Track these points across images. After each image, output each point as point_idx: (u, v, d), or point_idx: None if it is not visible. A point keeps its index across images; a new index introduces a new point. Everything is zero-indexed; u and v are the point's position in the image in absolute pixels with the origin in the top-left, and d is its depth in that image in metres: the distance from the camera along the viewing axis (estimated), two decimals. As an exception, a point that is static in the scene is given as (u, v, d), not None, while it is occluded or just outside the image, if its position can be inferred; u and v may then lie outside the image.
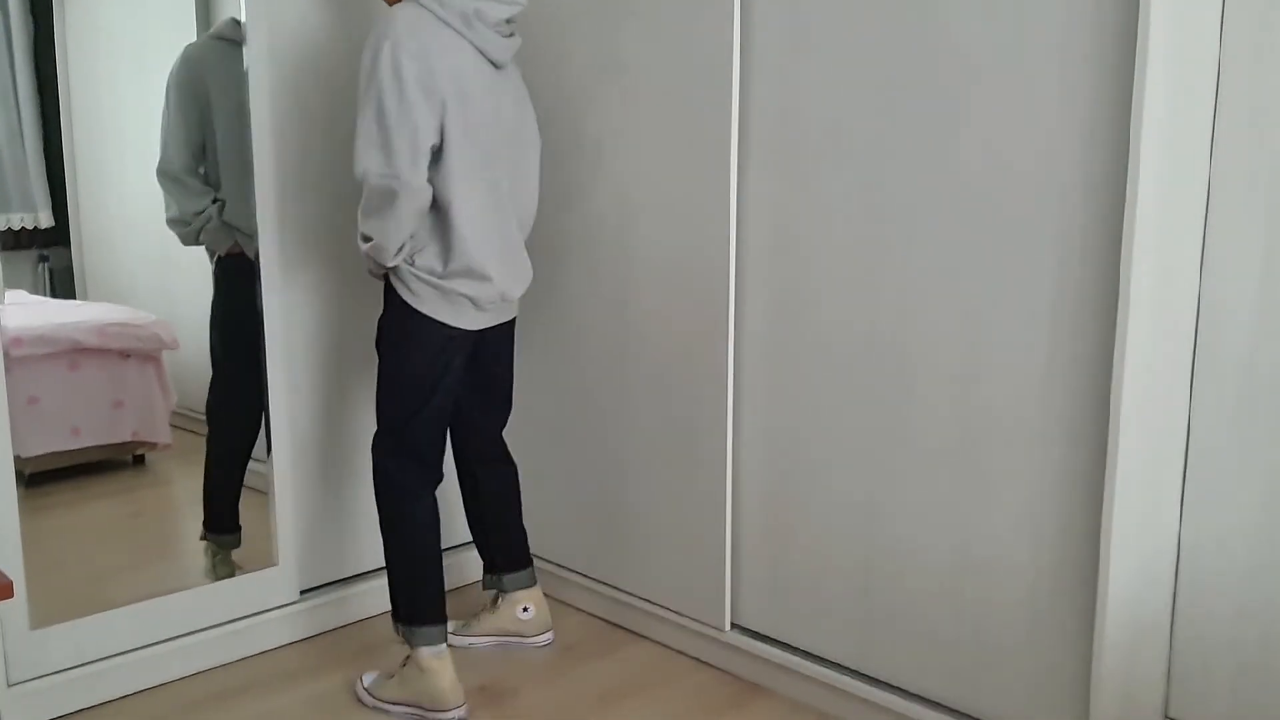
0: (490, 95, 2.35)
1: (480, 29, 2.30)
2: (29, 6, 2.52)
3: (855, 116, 2.28)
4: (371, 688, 2.54)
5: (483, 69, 2.34)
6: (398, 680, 2.50)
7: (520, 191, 2.50)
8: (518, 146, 2.47)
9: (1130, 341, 1.93)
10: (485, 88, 2.34)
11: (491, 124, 2.36)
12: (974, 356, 2.17)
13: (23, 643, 2.40)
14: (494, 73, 2.38)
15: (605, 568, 2.95)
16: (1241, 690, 2.05)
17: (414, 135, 2.20)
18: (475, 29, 2.29)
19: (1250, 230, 1.96)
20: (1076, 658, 2.10)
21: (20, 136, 2.56)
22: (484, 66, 2.34)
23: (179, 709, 2.51)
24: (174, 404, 2.73)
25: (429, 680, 2.44)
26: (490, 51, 2.33)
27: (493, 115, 2.36)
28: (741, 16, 2.43)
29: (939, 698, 2.32)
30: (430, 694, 2.44)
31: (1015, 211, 2.07)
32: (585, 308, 2.86)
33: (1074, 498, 2.07)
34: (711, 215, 2.53)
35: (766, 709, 2.52)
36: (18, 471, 2.35)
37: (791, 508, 2.53)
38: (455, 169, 2.28)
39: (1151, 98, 1.86)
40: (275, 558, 2.79)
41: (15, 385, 2.35)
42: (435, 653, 2.45)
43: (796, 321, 2.45)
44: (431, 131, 2.23)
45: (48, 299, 2.57)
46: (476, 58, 2.32)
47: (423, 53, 2.21)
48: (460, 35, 2.28)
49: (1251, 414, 1.99)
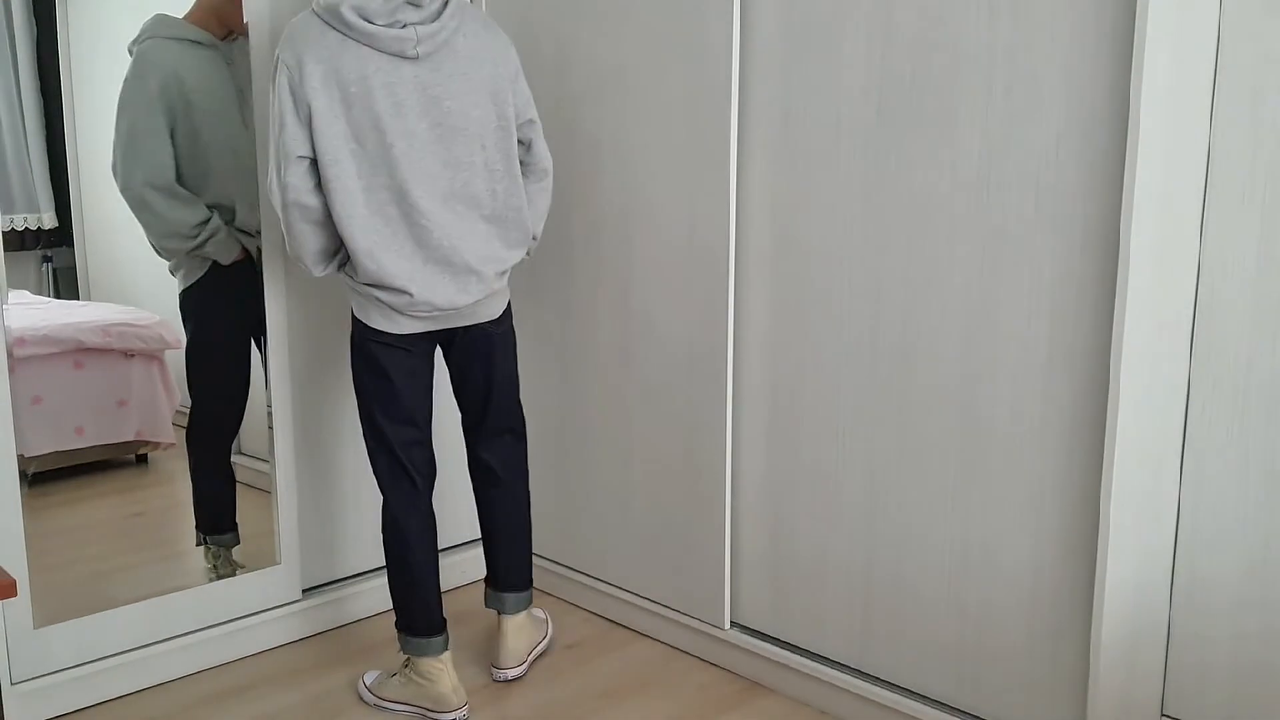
0: (388, 92, 2.20)
1: (364, 27, 2.18)
2: (31, 8, 2.52)
3: (855, 115, 2.29)
4: (373, 686, 2.55)
5: (382, 65, 2.20)
6: (400, 680, 2.51)
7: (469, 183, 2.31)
8: (446, 139, 2.27)
9: (1128, 340, 1.94)
10: (383, 85, 2.20)
11: (392, 123, 2.21)
12: (973, 355, 2.18)
13: (26, 641, 2.41)
14: (399, 67, 2.22)
15: (606, 567, 2.96)
16: (1238, 688, 2.07)
17: (283, 147, 2.19)
18: (358, 26, 2.18)
19: (1247, 230, 1.97)
20: (1075, 655, 2.11)
21: (23, 137, 2.56)
22: (384, 62, 2.20)
23: (181, 708, 2.52)
24: (177, 403, 2.73)
25: (430, 685, 2.46)
26: (387, 46, 2.19)
27: (392, 112, 2.21)
28: (741, 16, 2.45)
29: (938, 695, 2.33)
30: (431, 697, 2.46)
31: (1015, 210, 2.09)
32: (586, 308, 2.87)
33: (1073, 496, 2.08)
34: (712, 215, 2.54)
35: (767, 707, 2.53)
36: (21, 471, 2.36)
37: (791, 507, 2.54)
38: (333, 178, 2.20)
39: (1149, 97, 1.87)
40: (277, 557, 2.80)
41: (19, 385, 2.36)
42: (433, 661, 2.47)
43: (797, 321, 2.46)
44: (299, 142, 2.18)
45: (51, 299, 2.58)
46: (371, 55, 2.20)
47: (296, 61, 2.17)
48: (345, 36, 2.19)
49: (1249, 413, 2.00)
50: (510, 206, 2.38)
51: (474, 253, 2.33)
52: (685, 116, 2.56)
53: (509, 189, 2.37)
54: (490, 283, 2.38)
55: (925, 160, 2.20)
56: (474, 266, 2.33)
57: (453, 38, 2.27)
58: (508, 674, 2.62)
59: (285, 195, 2.21)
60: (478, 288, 2.36)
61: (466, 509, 3.22)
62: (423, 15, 2.23)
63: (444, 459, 3.13)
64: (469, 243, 2.33)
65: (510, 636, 2.63)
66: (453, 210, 2.31)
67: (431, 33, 2.23)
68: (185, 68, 2.55)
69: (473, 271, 2.34)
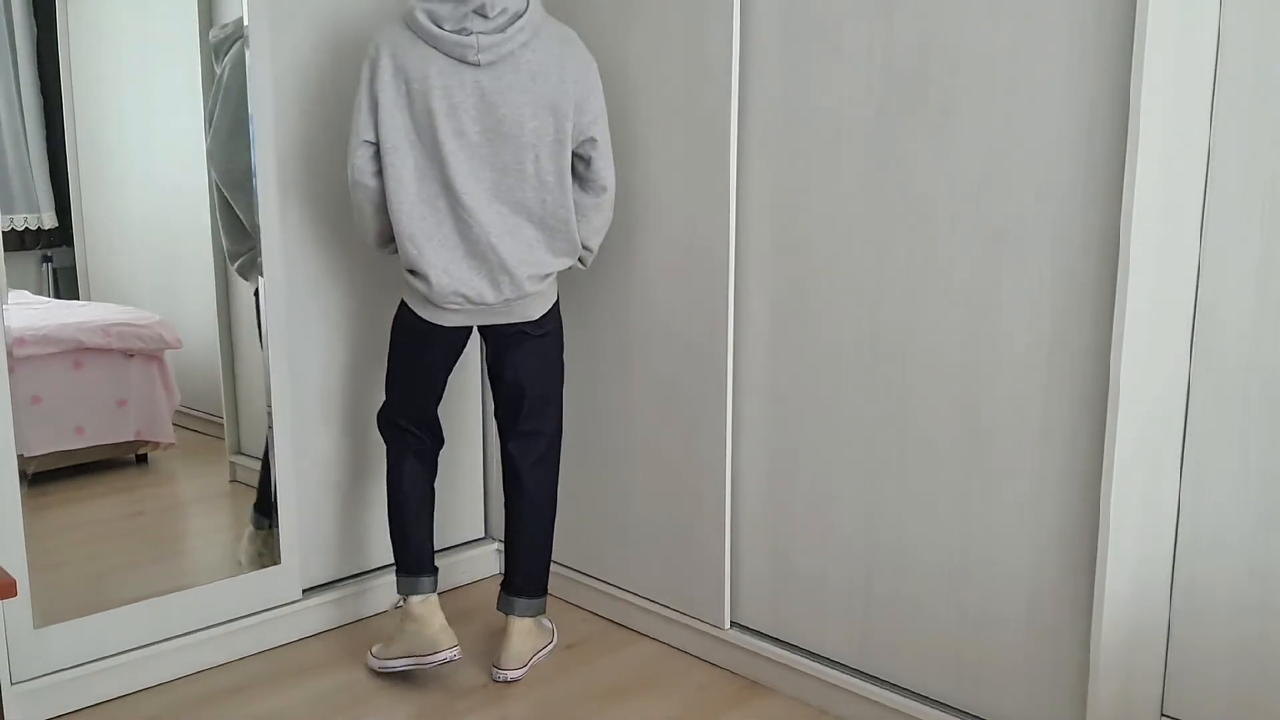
0: (445, 93, 2.36)
1: (433, 30, 2.35)
2: (32, 8, 2.52)
3: (856, 116, 2.29)
4: (378, 652, 2.67)
5: (444, 68, 2.36)
6: (396, 636, 2.64)
7: (515, 189, 2.43)
8: (497, 145, 2.40)
9: (1128, 341, 1.94)
10: (442, 86, 2.36)
11: (445, 122, 2.36)
12: (973, 356, 2.18)
13: (26, 641, 2.41)
14: (461, 71, 2.36)
15: (606, 566, 2.96)
16: (1238, 688, 2.07)
17: (354, 130, 2.42)
18: (426, 29, 2.36)
19: (1247, 230, 1.97)
20: (1074, 655, 2.11)
21: (23, 137, 2.56)
22: (447, 65, 2.36)
23: (182, 707, 2.52)
24: (177, 403, 2.73)
25: (419, 627, 2.59)
26: (450, 50, 2.35)
27: (447, 112, 2.36)
28: (741, 16, 2.44)
29: (938, 695, 2.34)
30: (421, 640, 2.58)
31: (1015, 210, 2.09)
32: (586, 308, 2.87)
33: (1072, 497, 2.08)
34: (712, 215, 2.54)
35: (767, 707, 2.53)
36: (21, 470, 2.36)
37: (791, 506, 2.54)
38: (389, 165, 2.39)
39: (1150, 97, 1.87)
40: (277, 557, 2.80)
41: (19, 385, 2.36)
42: (421, 599, 2.61)
43: (797, 321, 2.46)
44: (366, 128, 2.39)
45: (51, 299, 2.58)
46: (435, 57, 2.36)
47: (376, 55, 2.39)
48: (417, 37, 2.37)
49: (1248, 414, 2.00)
50: (558, 217, 2.47)
51: (512, 254, 2.44)
52: (685, 116, 2.56)
53: (558, 200, 2.46)
54: (523, 285, 2.46)
55: (925, 160, 2.19)
56: (509, 266, 2.43)
57: (520, 50, 2.39)
58: (508, 675, 2.63)
59: (351, 175, 2.44)
60: (510, 287, 2.45)
61: (474, 508, 3.24)
62: (489, 26, 2.36)
63: (458, 458, 3.15)
64: (508, 243, 2.43)
65: (515, 639, 2.66)
66: (497, 212, 2.43)
67: (495, 43, 2.36)
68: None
69: (507, 271, 2.44)
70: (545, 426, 2.67)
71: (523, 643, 2.67)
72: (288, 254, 2.74)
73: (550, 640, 2.79)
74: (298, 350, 2.80)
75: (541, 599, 2.71)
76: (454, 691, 2.60)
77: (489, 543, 3.26)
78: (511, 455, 2.66)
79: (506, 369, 2.60)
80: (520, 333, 2.56)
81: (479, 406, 3.20)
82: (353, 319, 2.89)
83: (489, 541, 3.26)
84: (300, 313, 2.80)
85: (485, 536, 3.29)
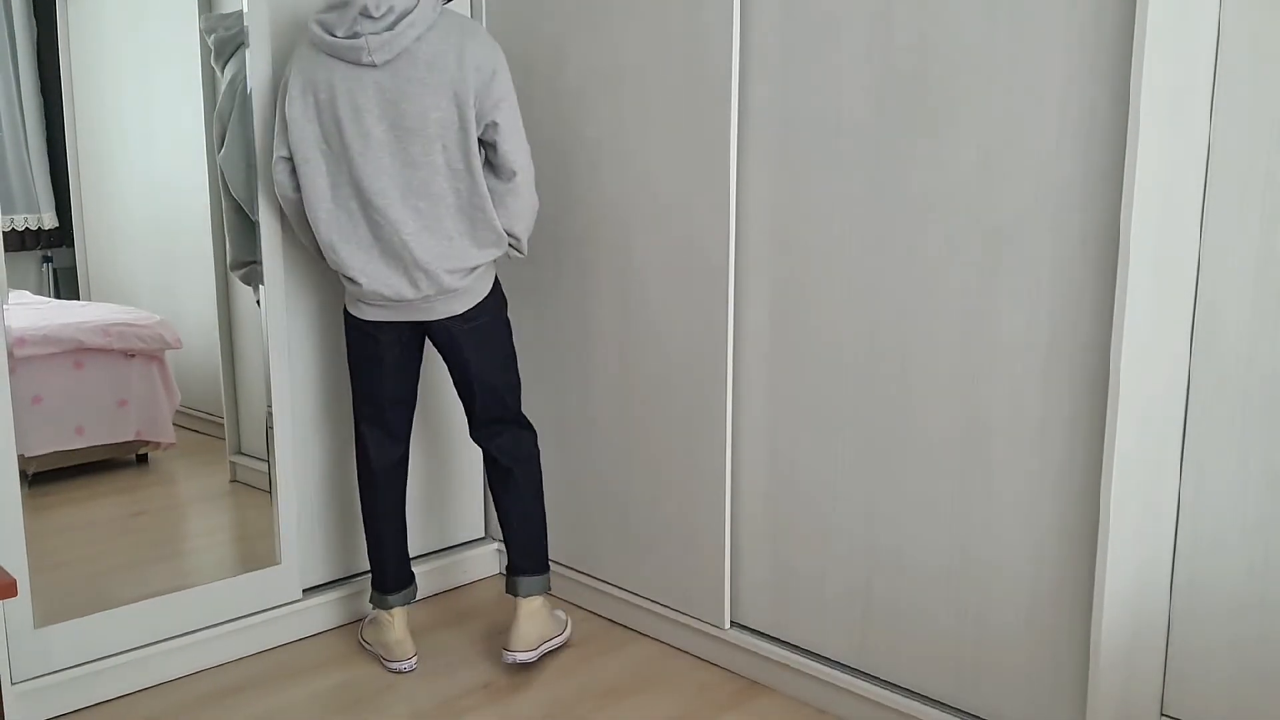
0: (349, 98, 2.41)
1: (326, 39, 2.40)
2: (31, 7, 2.52)
3: (855, 116, 2.29)
4: (362, 628, 2.84)
5: (345, 74, 2.41)
6: (370, 625, 2.80)
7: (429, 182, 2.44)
8: (404, 140, 2.42)
9: (1128, 341, 1.94)
10: (346, 91, 2.41)
11: (351, 126, 2.41)
12: (973, 356, 2.18)
13: (26, 641, 2.41)
14: (360, 74, 2.40)
15: (606, 566, 2.96)
16: (1238, 689, 2.07)
17: (274, 150, 2.51)
18: (322, 40, 2.41)
19: (1247, 229, 1.97)
20: (1074, 656, 2.11)
21: (23, 137, 2.56)
22: (347, 70, 2.40)
23: (181, 707, 2.52)
24: (177, 403, 2.73)
25: (384, 632, 2.73)
26: (346, 55, 2.40)
27: (351, 116, 2.41)
28: (741, 16, 2.44)
29: (938, 695, 2.34)
30: (384, 644, 2.72)
31: (1014, 210, 2.09)
32: (586, 308, 2.87)
33: (1072, 497, 2.08)
34: (712, 215, 2.54)
35: (767, 707, 2.53)
36: (21, 470, 2.36)
37: (791, 506, 2.54)
38: (303, 175, 2.47)
39: (1149, 96, 1.87)
40: (277, 557, 2.80)
41: (19, 385, 2.36)
42: (384, 612, 2.73)
43: (796, 321, 2.46)
44: (279, 144, 2.49)
45: (51, 299, 2.58)
46: (336, 65, 2.41)
47: (286, 75, 2.49)
48: (318, 49, 2.44)
49: (1249, 414, 2.00)
50: (475, 205, 2.48)
51: (426, 250, 2.46)
52: (685, 117, 2.56)
53: (472, 188, 2.47)
54: (442, 280, 2.47)
55: (925, 160, 2.19)
56: (422, 264, 2.46)
57: (413, 45, 2.40)
58: (516, 657, 2.65)
59: (277, 191, 2.55)
60: (427, 284, 2.48)
61: (474, 508, 3.24)
62: (378, 26, 2.38)
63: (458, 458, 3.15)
64: (422, 240, 2.45)
65: (523, 620, 2.69)
66: (413, 208, 2.45)
67: (385, 41, 2.38)
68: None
69: (420, 268, 2.46)
70: (505, 414, 2.68)
71: (531, 626, 2.69)
72: (286, 254, 2.74)
73: (563, 631, 2.81)
74: (297, 350, 2.80)
75: (543, 576, 2.72)
76: (454, 691, 2.60)
77: (489, 543, 3.26)
78: (482, 444, 2.70)
79: (452, 363, 2.63)
80: (448, 329, 2.57)
81: (479, 406, 3.20)
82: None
83: (489, 541, 3.26)
84: (300, 313, 2.80)
85: (485, 536, 3.29)
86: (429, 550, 3.16)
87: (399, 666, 2.68)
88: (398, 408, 2.66)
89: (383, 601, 2.72)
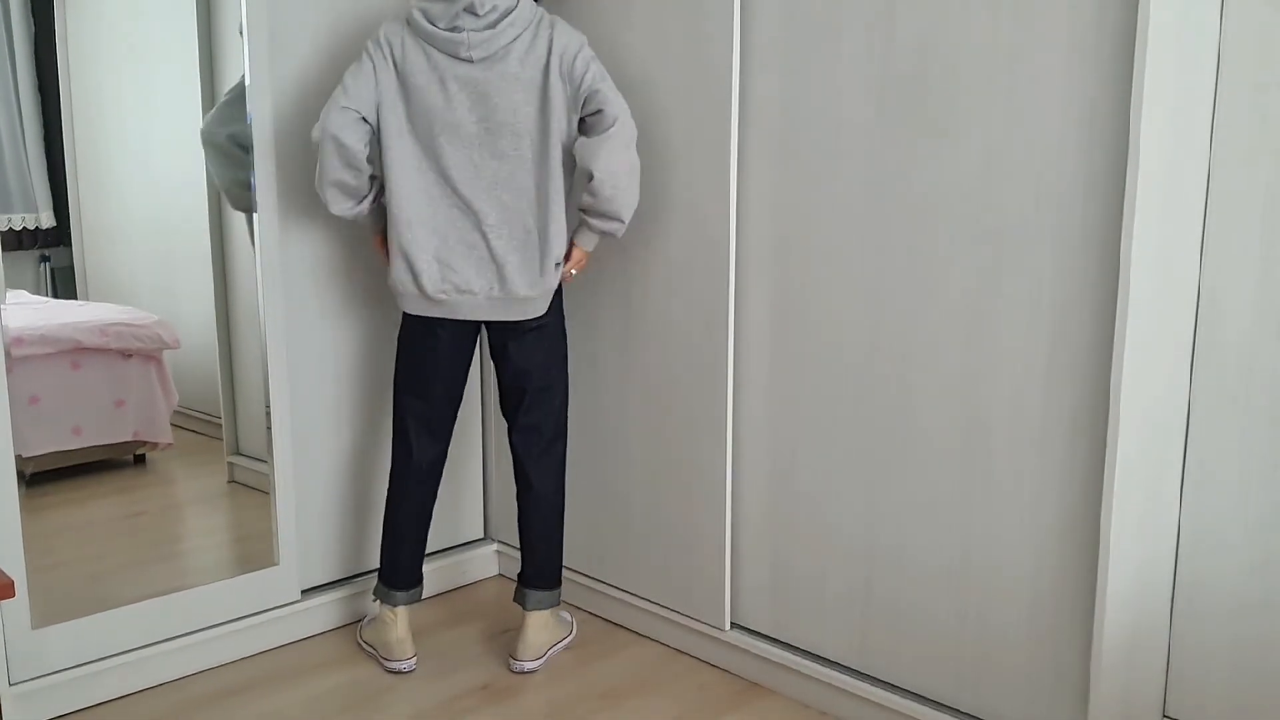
0: (441, 87, 2.44)
1: (428, 28, 2.43)
2: (29, 6, 2.52)
3: (856, 117, 2.29)
4: (360, 629, 2.82)
5: (440, 63, 2.43)
6: (370, 625, 2.79)
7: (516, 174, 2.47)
8: (494, 133, 2.46)
9: (1130, 342, 1.94)
10: (439, 80, 2.44)
11: (441, 115, 2.44)
12: (974, 356, 2.17)
13: (24, 642, 2.40)
14: (456, 66, 2.43)
15: (606, 568, 2.95)
16: (1239, 690, 2.06)
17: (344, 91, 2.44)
18: (422, 28, 2.44)
19: (1248, 230, 1.96)
20: (1076, 657, 2.11)
21: (21, 137, 2.56)
22: (443, 60, 2.43)
23: (180, 708, 2.52)
24: (175, 403, 2.73)
25: (385, 630, 2.70)
26: (444, 46, 2.43)
27: (443, 105, 2.44)
28: (741, 16, 2.44)
29: (939, 696, 2.33)
30: (384, 643, 2.70)
31: (1015, 210, 2.08)
32: (586, 308, 2.87)
33: (1074, 498, 2.08)
34: (712, 215, 2.54)
35: (767, 708, 2.53)
36: (19, 471, 2.35)
37: (792, 507, 2.53)
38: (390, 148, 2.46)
39: (1151, 97, 1.86)
40: (276, 557, 2.79)
41: (17, 385, 2.35)
42: (388, 609, 2.70)
43: (797, 321, 2.46)
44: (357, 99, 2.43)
45: (49, 299, 2.58)
46: (433, 54, 2.44)
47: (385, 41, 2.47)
48: (415, 36, 2.46)
49: (1250, 414, 2.00)
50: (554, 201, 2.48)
51: (504, 248, 2.49)
52: (686, 117, 2.56)
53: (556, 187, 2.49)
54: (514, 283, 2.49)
55: (926, 160, 2.19)
56: (498, 258, 2.49)
57: (511, 44, 2.44)
58: (524, 666, 2.68)
59: (325, 129, 2.41)
60: (496, 280, 2.50)
61: (474, 508, 3.24)
62: (480, 23, 2.42)
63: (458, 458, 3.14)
64: (501, 234, 2.48)
65: (531, 631, 2.70)
66: (497, 199, 2.48)
67: (485, 39, 2.42)
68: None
69: (495, 262, 2.49)
70: (548, 418, 2.68)
71: (538, 635, 2.71)
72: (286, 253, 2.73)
73: (569, 633, 2.82)
74: (297, 350, 2.79)
75: (555, 591, 2.74)
76: (454, 692, 2.60)
77: (489, 543, 3.25)
78: (515, 448, 2.70)
79: (507, 360, 2.62)
80: (513, 328, 2.58)
81: (479, 406, 3.20)
82: (353, 319, 2.88)
83: (489, 542, 3.26)
84: (300, 312, 2.79)
85: (485, 537, 3.28)
86: (429, 550, 3.14)
87: (398, 666, 2.67)
88: (447, 407, 2.67)
89: (390, 597, 2.70)
